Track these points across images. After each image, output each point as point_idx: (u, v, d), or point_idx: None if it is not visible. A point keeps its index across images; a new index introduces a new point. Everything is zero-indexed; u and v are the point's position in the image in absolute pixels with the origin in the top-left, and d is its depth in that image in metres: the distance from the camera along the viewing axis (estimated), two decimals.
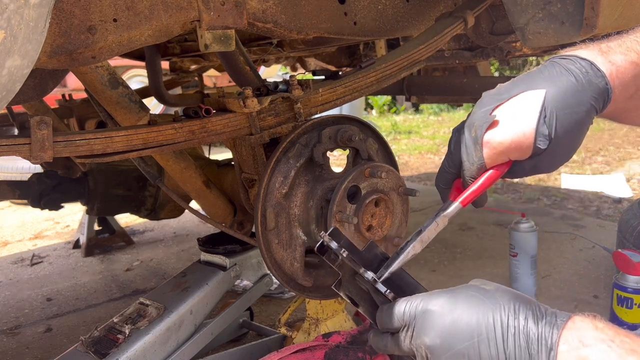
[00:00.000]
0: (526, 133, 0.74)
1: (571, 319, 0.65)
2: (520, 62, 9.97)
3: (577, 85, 0.73)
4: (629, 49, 0.76)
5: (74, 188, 2.25)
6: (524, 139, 0.75)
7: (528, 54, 2.48)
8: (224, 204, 1.57)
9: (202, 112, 1.15)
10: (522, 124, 0.75)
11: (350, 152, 1.29)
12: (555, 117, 0.73)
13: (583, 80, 0.73)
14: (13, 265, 3.00)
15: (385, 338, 0.79)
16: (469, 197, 0.82)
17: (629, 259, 1.56)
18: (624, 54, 0.76)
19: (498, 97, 0.79)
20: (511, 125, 0.76)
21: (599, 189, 3.96)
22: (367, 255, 0.85)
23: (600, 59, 0.75)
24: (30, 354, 1.99)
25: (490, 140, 0.78)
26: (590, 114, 0.74)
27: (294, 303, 1.65)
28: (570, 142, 0.75)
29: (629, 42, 0.78)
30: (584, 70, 0.74)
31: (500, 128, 0.77)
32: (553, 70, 0.76)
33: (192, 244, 3.15)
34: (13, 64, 0.70)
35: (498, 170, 0.80)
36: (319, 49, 2.45)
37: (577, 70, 0.74)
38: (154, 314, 1.44)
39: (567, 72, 0.75)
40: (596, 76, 0.74)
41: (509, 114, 0.77)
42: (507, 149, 0.77)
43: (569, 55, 0.77)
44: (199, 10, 1.06)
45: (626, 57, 0.75)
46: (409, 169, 5.25)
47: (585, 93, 0.73)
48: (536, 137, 0.74)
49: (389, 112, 10.25)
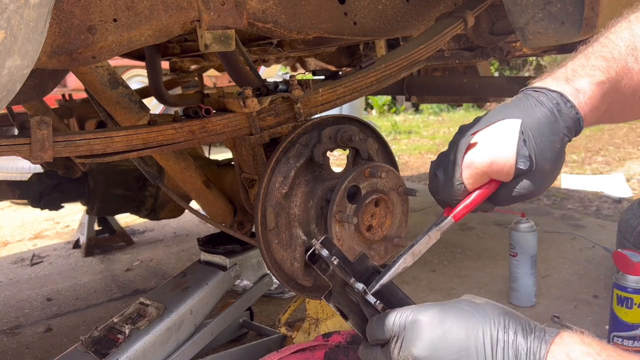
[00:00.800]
0: (507, 154, 0.78)
1: (559, 335, 0.67)
2: (520, 62, 9.97)
3: (550, 116, 0.77)
4: (594, 67, 0.79)
5: (74, 188, 2.25)
6: (505, 160, 0.78)
7: (528, 54, 2.49)
8: (224, 204, 1.57)
9: (202, 112, 1.15)
10: (503, 146, 0.78)
11: (350, 152, 1.29)
12: (534, 141, 0.77)
13: (555, 111, 0.77)
14: (13, 265, 3.00)
15: (375, 350, 0.78)
16: (461, 212, 0.84)
17: (629, 259, 1.56)
18: (590, 75, 0.79)
19: (477, 125, 0.83)
20: (491, 147, 0.79)
21: (598, 188, 3.96)
22: (359, 267, 0.85)
23: (568, 89, 0.79)
24: (30, 353, 1.99)
25: (472, 161, 0.81)
26: (564, 142, 0.78)
27: (294, 303, 1.65)
28: (550, 167, 0.78)
29: (593, 57, 0.80)
30: (554, 102, 0.78)
31: (481, 150, 0.80)
32: (527, 102, 0.80)
33: (192, 244, 3.15)
34: (13, 64, 0.70)
35: (487, 189, 0.83)
36: (319, 49, 2.45)
37: (548, 103, 0.78)
38: (154, 314, 1.44)
39: (540, 104, 0.78)
40: (566, 107, 0.77)
41: (488, 137, 0.80)
42: (489, 170, 0.80)
43: (540, 88, 0.80)
44: (199, 10, 1.06)
45: (592, 79, 0.79)
46: (409, 169, 5.25)
47: (557, 124, 0.77)
48: (517, 158, 0.77)
49: (389, 112, 10.25)
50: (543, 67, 10.00)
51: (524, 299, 2.07)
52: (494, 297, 2.13)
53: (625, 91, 0.81)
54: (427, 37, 1.40)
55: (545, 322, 1.93)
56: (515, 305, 2.07)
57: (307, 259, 0.86)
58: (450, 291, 2.26)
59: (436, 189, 0.86)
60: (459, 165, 0.81)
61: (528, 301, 2.07)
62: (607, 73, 0.79)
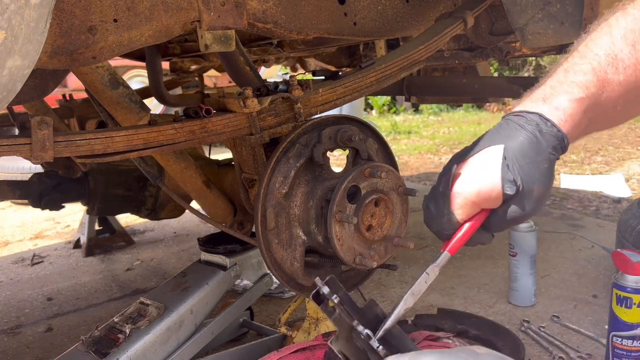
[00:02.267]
0: (493, 181, 0.78)
1: None
2: (520, 62, 9.97)
3: (532, 138, 0.77)
4: (572, 83, 0.78)
5: (75, 188, 2.26)
6: (491, 187, 0.79)
7: (527, 54, 2.49)
8: (224, 203, 1.58)
9: (202, 112, 1.15)
10: (487, 174, 0.79)
11: (350, 152, 1.29)
12: (518, 165, 0.77)
13: (537, 132, 0.77)
14: (14, 265, 3.00)
15: None
16: (456, 245, 0.85)
17: (628, 258, 1.56)
18: (568, 92, 0.78)
19: (461, 155, 0.84)
20: (476, 176, 0.80)
21: (598, 188, 3.96)
22: (367, 314, 0.85)
23: (547, 108, 0.78)
24: (31, 353, 1.99)
25: (459, 191, 0.82)
26: (551, 161, 0.78)
27: (294, 303, 1.65)
28: (538, 188, 0.78)
29: (572, 72, 0.79)
30: (534, 124, 0.78)
31: (467, 179, 0.81)
32: (507, 127, 0.80)
33: (192, 244, 3.15)
34: (14, 64, 0.70)
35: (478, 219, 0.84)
36: (319, 49, 2.45)
37: (528, 126, 0.78)
38: (155, 314, 1.44)
39: (520, 128, 0.79)
40: (547, 127, 0.77)
41: (473, 167, 0.82)
42: (477, 199, 0.81)
43: (519, 112, 0.80)
44: (199, 10, 1.06)
45: (570, 96, 0.78)
46: (408, 169, 5.25)
47: (541, 144, 0.77)
48: (503, 183, 0.78)
49: (389, 112, 10.25)
50: (543, 67, 10.00)
51: (523, 298, 2.07)
52: (493, 297, 2.15)
53: (606, 104, 0.79)
54: (426, 37, 1.40)
55: (545, 321, 1.94)
56: (515, 304, 2.08)
57: (312, 299, 0.85)
58: (450, 291, 2.27)
59: (430, 222, 0.87)
60: (447, 196, 0.82)
61: (527, 301, 2.07)
62: (586, 89, 0.77)
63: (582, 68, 0.78)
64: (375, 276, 2.42)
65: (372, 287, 2.32)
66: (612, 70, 0.77)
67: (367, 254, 1.22)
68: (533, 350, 1.77)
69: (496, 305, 2.10)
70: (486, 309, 2.07)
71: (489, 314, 2.02)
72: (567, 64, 0.80)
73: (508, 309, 2.06)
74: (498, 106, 9.48)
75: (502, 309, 2.07)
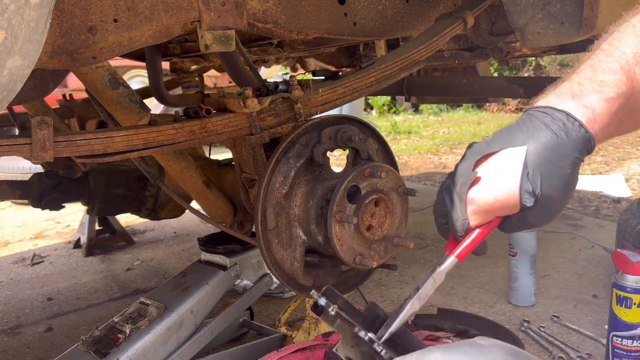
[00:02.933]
0: (510, 192, 0.74)
1: None
2: (520, 62, 9.97)
3: (557, 139, 0.72)
4: (602, 82, 0.73)
5: (75, 188, 2.26)
6: (509, 198, 0.75)
7: (527, 55, 2.49)
8: (224, 203, 1.58)
9: (202, 112, 1.15)
10: (506, 183, 0.75)
11: (350, 152, 1.29)
12: (539, 174, 0.72)
13: (562, 133, 0.73)
14: (14, 265, 3.00)
15: None
16: (464, 251, 0.83)
17: (628, 258, 1.56)
18: (598, 91, 0.73)
19: (480, 151, 0.79)
20: (494, 183, 0.76)
21: (598, 188, 3.96)
22: (368, 316, 0.84)
23: (574, 106, 0.73)
24: (31, 353, 1.99)
25: (475, 198, 0.78)
26: (575, 165, 0.74)
27: (294, 302, 1.66)
28: (558, 196, 0.74)
29: (600, 70, 0.74)
30: (560, 123, 0.73)
31: (484, 186, 0.77)
32: (530, 124, 0.75)
33: (192, 244, 3.15)
34: (14, 64, 0.70)
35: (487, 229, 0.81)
36: (319, 50, 2.46)
37: (554, 125, 0.73)
38: (155, 314, 1.44)
39: (544, 127, 0.74)
40: (574, 127, 0.73)
41: (492, 171, 0.77)
42: (492, 208, 0.77)
43: (544, 107, 0.76)
44: (200, 10, 1.06)
45: (602, 95, 0.73)
46: (408, 169, 5.25)
47: (566, 146, 0.72)
48: (521, 195, 0.74)
49: (389, 112, 10.25)
50: (543, 67, 10.00)
51: (523, 298, 2.07)
52: (493, 297, 2.15)
53: (636, 105, 0.75)
54: (426, 37, 1.40)
55: (545, 321, 1.94)
56: (515, 304, 2.08)
57: (311, 310, 0.85)
58: (450, 291, 2.27)
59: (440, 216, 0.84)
60: (462, 200, 0.78)
61: (527, 301, 2.07)
62: (617, 88, 0.73)
63: (611, 66, 0.74)
64: (375, 276, 2.42)
65: (372, 287, 2.32)
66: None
67: (367, 254, 1.23)
68: (533, 350, 1.77)
69: (496, 305, 2.10)
70: (486, 309, 2.07)
71: (489, 314, 2.02)
72: (593, 62, 0.75)
73: (508, 309, 2.06)
74: (498, 106, 9.48)
75: (502, 309, 2.07)
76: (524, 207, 0.75)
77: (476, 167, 0.79)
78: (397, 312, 0.83)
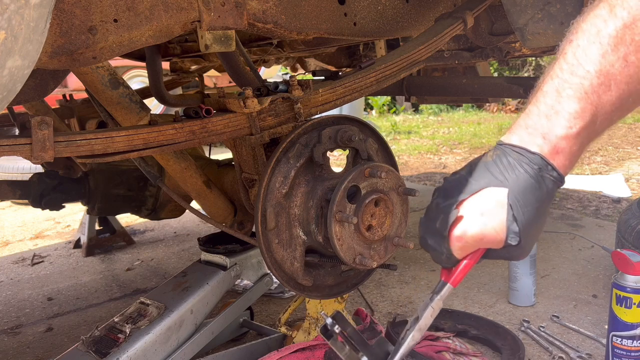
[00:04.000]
0: (497, 229, 0.79)
1: None
2: (520, 63, 9.97)
3: (534, 184, 0.77)
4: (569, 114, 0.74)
5: (75, 188, 2.26)
6: (495, 235, 0.79)
7: (527, 55, 2.49)
8: (225, 203, 1.58)
9: (202, 113, 1.15)
10: (492, 221, 0.79)
11: (350, 152, 1.29)
12: (522, 214, 0.77)
13: (538, 177, 0.77)
14: (14, 265, 3.00)
15: None
16: (458, 278, 0.87)
17: (628, 258, 1.56)
18: (565, 127, 0.75)
19: (461, 189, 0.82)
20: (480, 220, 0.80)
21: (597, 188, 3.96)
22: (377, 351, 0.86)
23: (547, 148, 0.76)
24: (31, 353, 1.99)
25: (462, 236, 0.81)
26: (547, 202, 0.79)
27: (294, 302, 1.66)
28: (536, 233, 0.80)
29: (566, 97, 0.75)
30: (536, 167, 0.77)
31: (470, 223, 0.80)
32: (508, 164, 0.79)
33: (192, 244, 3.15)
34: (14, 64, 0.70)
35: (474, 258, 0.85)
36: (319, 50, 2.46)
37: (530, 169, 0.77)
38: (155, 314, 1.44)
39: (522, 170, 0.77)
40: (548, 171, 0.77)
41: (476, 209, 0.80)
42: (479, 242, 0.81)
43: (519, 148, 0.78)
44: (200, 10, 1.06)
45: (569, 131, 0.75)
46: (408, 169, 5.26)
47: (541, 190, 0.77)
48: (507, 234, 0.78)
49: (389, 112, 10.25)
50: (543, 67, 9.99)
51: (523, 298, 2.07)
52: (493, 297, 2.15)
53: (600, 129, 0.78)
54: (426, 37, 1.40)
55: (545, 321, 1.94)
56: (515, 304, 2.08)
57: (320, 333, 0.87)
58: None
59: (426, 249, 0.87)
60: (446, 238, 0.82)
61: (527, 301, 2.07)
62: (582, 120, 0.74)
63: (576, 93, 0.74)
64: (375, 276, 2.42)
65: (372, 287, 2.32)
66: (604, 89, 0.74)
67: (367, 254, 1.23)
68: (533, 350, 1.77)
69: (496, 305, 2.10)
70: (486, 309, 2.07)
71: (489, 314, 2.02)
72: (558, 80, 0.76)
73: (508, 309, 2.06)
74: (498, 106, 9.48)
75: (502, 309, 2.07)
76: (508, 245, 0.79)
77: (459, 206, 0.82)
78: (399, 344, 0.87)
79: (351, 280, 1.41)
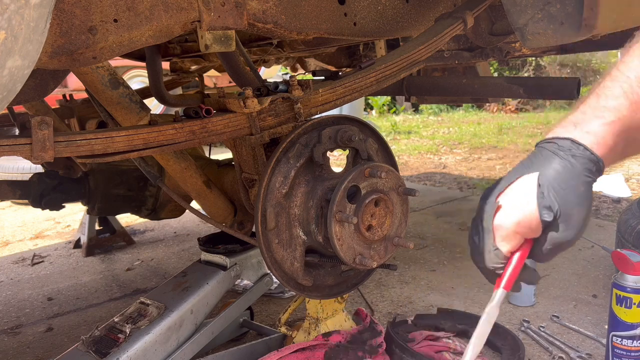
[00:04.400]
0: (530, 210, 0.80)
1: None
2: (520, 63, 9.97)
3: (565, 163, 0.79)
4: (604, 108, 0.79)
5: (75, 188, 2.26)
6: (530, 216, 0.80)
7: (527, 55, 2.49)
8: (225, 203, 1.58)
9: (202, 113, 1.15)
10: (525, 204, 0.81)
11: (350, 152, 1.29)
12: (554, 192, 0.79)
13: (570, 157, 0.79)
14: (14, 265, 3.00)
15: None
16: (509, 280, 0.87)
17: (628, 258, 1.56)
18: (599, 117, 0.79)
19: (498, 187, 0.86)
20: (515, 206, 0.82)
21: (598, 188, 3.96)
22: None
23: (577, 133, 0.80)
24: (31, 353, 1.99)
25: (501, 224, 0.83)
26: (587, 184, 0.80)
27: (294, 302, 1.66)
28: (576, 211, 0.79)
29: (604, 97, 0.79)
30: (565, 148, 0.80)
31: (506, 212, 0.83)
32: (541, 155, 0.82)
33: (192, 244, 3.15)
34: (14, 64, 0.70)
35: (524, 250, 0.85)
36: (319, 50, 2.46)
37: (560, 152, 0.80)
38: (155, 314, 1.44)
39: (553, 155, 0.81)
40: (579, 150, 0.79)
41: (511, 198, 0.83)
42: (518, 229, 0.82)
43: (551, 139, 0.83)
44: (200, 10, 1.06)
45: (602, 120, 0.79)
46: (408, 169, 5.26)
47: (575, 168, 0.79)
48: (539, 210, 0.79)
49: (389, 112, 10.25)
50: (543, 67, 10.00)
51: (523, 298, 2.07)
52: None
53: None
54: (426, 37, 1.40)
55: (545, 321, 1.94)
56: (515, 305, 2.08)
57: None
58: (450, 291, 2.27)
59: (477, 257, 0.89)
60: (490, 230, 0.84)
61: (527, 301, 2.07)
62: (618, 112, 0.78)
63: (614, 92, 0.79)
64: (375, 276, 2.42)
65: (372, 287, 2.32)
66: None
67: (367, 254, 1.23)
68: (533, 350, 1.77)
69: None
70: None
71: None
72: (599, 88, 0.81)
73: (508, 309, 2.06)
74: (498, 106, 9.48)
75: (502, 309, 2.06)
76: (545, 224, 0.80)
77: (497, 198, 0.85)
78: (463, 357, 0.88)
79: (351, 280, 1.41)
